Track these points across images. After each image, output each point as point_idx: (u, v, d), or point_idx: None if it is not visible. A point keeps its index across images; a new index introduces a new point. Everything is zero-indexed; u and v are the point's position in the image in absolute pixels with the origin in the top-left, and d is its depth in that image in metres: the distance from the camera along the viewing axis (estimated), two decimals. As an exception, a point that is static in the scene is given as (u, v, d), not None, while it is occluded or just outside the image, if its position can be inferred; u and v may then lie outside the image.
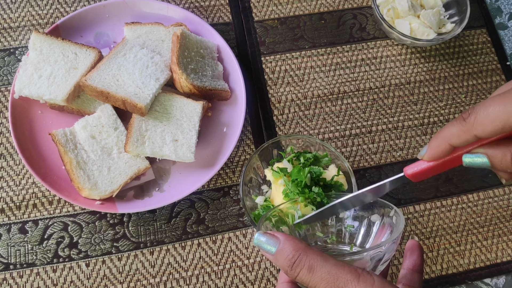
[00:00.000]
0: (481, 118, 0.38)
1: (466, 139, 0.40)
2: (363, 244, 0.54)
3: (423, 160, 0.44)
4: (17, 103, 0.71)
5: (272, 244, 0.41)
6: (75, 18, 0.77)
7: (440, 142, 0.42)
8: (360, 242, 0.54)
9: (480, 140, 0.41)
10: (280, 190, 0.63)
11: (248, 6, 0.86)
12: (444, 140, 0.42)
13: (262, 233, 0.42)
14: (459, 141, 0.40)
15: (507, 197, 0.76)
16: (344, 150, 0.77)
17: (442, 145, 0.42)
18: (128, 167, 0.69)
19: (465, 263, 0.72)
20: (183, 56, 0.72)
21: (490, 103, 0.38)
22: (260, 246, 0.42)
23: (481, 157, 0.41)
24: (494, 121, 0.37)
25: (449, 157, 0.43)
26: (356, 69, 0.83)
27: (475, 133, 0.39)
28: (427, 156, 0.43)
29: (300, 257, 0.40)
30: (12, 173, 0.72)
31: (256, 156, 0.67)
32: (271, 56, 0.83)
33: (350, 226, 0.55)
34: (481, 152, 0.41)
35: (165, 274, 0.68)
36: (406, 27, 0.79)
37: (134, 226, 0.70)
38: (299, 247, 0.40)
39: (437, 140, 0.42)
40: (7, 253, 0.67)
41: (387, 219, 0.51)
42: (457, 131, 0.40)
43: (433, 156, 0.43)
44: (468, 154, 0.42)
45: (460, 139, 0.40)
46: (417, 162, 0.45)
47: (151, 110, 0.70)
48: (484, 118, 0.38)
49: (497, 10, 0.91)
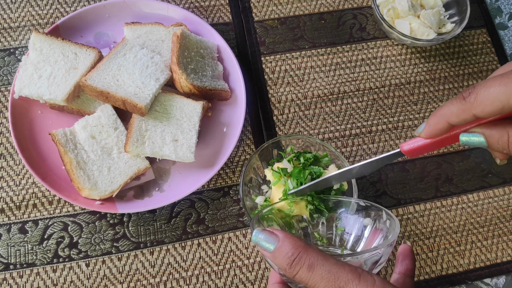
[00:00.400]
0: (481, 98, 0.38)
1: (464, 118, 0.40)
2: (354, 248, 0.53)
3: (420, 137, 0.45)
4: (17, 103, 0.71)
5: (271, 242, 0.40)
6: (75, 18, 0.77)
7: (439, 120, 0.42)
8: (351, 246, 0.54)
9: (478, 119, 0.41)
10: (280, 190, 0.63)
11: (248, 6, 0.86)
12: (442, 118, 0.42)
13: (261, 230, 0.42)
14: (457, 119, 0.41)
15: (507, 197, 0.76)
16: (344, 150, 0.77)
17: (440, 123, 0.42)
18: (128, 167, 0.69)
19: (465, 263, 0.72)
20: (183, 56, 0.72)
21: (491, 83, 0.38)
22: (258, 243, 0.41)
23: (478, 136, 0.41)
24: (494, 102, 0.37)
25: (446, 135, 0.43)
26: (356, 69, 0.83)
27: (475, 112, 0.39)
28: (424, 133, 0.44)
29: (300, 255, 0.39)
30: (12, 173, 0.72)
31: (256, 156, 0.67)
32: (271, 56, 0.83)
33: (341, 229, 0.55)
34: (479, 132, 0.41)
35: (165, 274, 0.68)
36: (406, 27, 0.79)
37: (134, 226, 0.70)
38: (299, 244, 0.40)
39: (435, 117, 0.42)
40: (7, 253, 0.67)
41: (380, 223, 0.51)
42: (456, 109, 0.40)
43: (431, 134, 0.43)
44: (466, 133, 0.42)
45: (459, 118, 0.40)
46: (414, 139, 0.46)
47: (151, 110, 0.70)
48: (485, 98, 0.38)
49: (497, 10, 0.91)
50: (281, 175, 0.63)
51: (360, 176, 0.55)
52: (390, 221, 0.49)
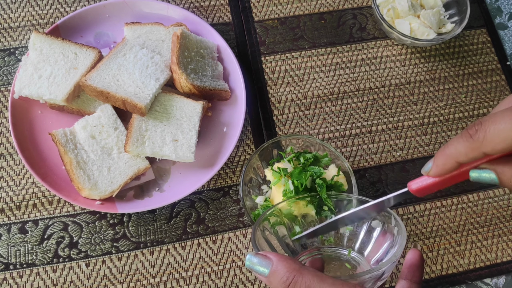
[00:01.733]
0: (491, 136, 0.36)
1: (474, 156, 0.38)
2: (362, 249, 0.52)
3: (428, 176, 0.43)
4: (17, 103, 0.71)
5: (265, 266, 0.39)
6: (75, 18, 0.77)
7: (446, 160, 0.40)
8: (359, 247, 0.53)
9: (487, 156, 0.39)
10: (280, 190, 0.63)
11: (248, 6, 0.86)
12: (450, 158, 0.40)
13: (254, 254, 0.41)
14: (466, 158, 0.39)
15: (507, 197, 0.76)
16: (344, 150, 0.77)
17: (448, 163, 0.40)
18: (128, 167, 0.69)
19: (465, 263, 0.72)
20: (183, 56, 0.72)
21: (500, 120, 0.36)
22: (252, 268, 0.40)
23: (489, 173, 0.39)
24: (505, 139, 0.35)
25: (456, 173, 0.41)
26: (356, 69, 0.83)
27: (484, 150, 0.37)
28: (433, 173, 0.42)
29: (295, 279, 0.38)
30: (12, 173, 0.72)
31: (256, 156, 0.67)
32: (271, 56, 0.83)
33: (349, 229, 0.54)
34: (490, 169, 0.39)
35: (165, 274, 0.68)
36: (406, 27, 0.79)
37: (134, 226, 0.70)
38: (293, 267, 0.38)
39: (443, 157, 0.40)
40: (7, 253, 0.67)
41: (389, 226, 0.50)
42: (464, 149, 0.38)
43: (439, 173, 0.41)
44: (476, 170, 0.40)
45: (467, 157, 0.39)
46: (422, 177, 0.44)
47: (151, 110, 0.70)
48: (494, 136, 0.36)
49: (497, 10, 0.91)
50: (281, 175, 0.63)
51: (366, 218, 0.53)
52: (398, 228, 0.48)
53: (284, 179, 0.63)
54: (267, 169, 0.67)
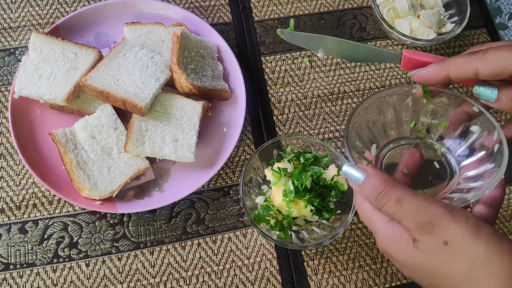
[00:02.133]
0: (488, 55, 0.41)
1: (465, 69, 0.42)
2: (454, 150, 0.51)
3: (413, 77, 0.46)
4: (17, 103, 0.71)
5: (361, 173, 0.41)
6: (75, 18, 0.77)
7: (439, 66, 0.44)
8: (451, 146, 0.51)
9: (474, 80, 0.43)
10: (280, 190, 0.63)
11: (248, 6, 0.86)
12: (444, 65, 0.43)
13: (350, 164, 0.43)
14: (458, 70, 0.42)
15: (507, 197, 0.76)
16: (344, 150, 0.77)
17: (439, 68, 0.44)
18: (128, 167, 0.69)
19: (465, 263, 0.72)
20: (183, 56, 0.73)
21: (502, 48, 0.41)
22: (347, 175, 0.42)
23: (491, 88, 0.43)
24: (498, 60, 0.40)
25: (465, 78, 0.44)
26: (356, 69, 0.83)
27: (477, 66, 0.41)
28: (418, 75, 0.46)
29: (388, 189, 0.40)
30: (12, 173, 0.72)
31: (256, 156, 0.67)
32: (271, 56, 0.83)
33: (444, 124, 0.52)
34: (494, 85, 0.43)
35: (165, 274, 0.68)
36: (406, 27, 0.79)
37: (134, 226, 0.70)
38: (387, 179, 0.40)
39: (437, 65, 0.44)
40: (7, 253, 0.67)
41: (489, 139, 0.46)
42: (461, 60, 0.42)
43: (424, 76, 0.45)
44: (481, 82, 0.44)
45: (459, 68, 0.42)
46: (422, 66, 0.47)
47: (151, 110, 0.70)
48: (492, 56, 0.40)
49: (497, 10, 0.91)
50: (281, 175, 0.63)
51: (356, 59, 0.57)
52: (499, 146, 0.44)
53: (284, 179, 0.63)
54: (267, 169, 0.67)
